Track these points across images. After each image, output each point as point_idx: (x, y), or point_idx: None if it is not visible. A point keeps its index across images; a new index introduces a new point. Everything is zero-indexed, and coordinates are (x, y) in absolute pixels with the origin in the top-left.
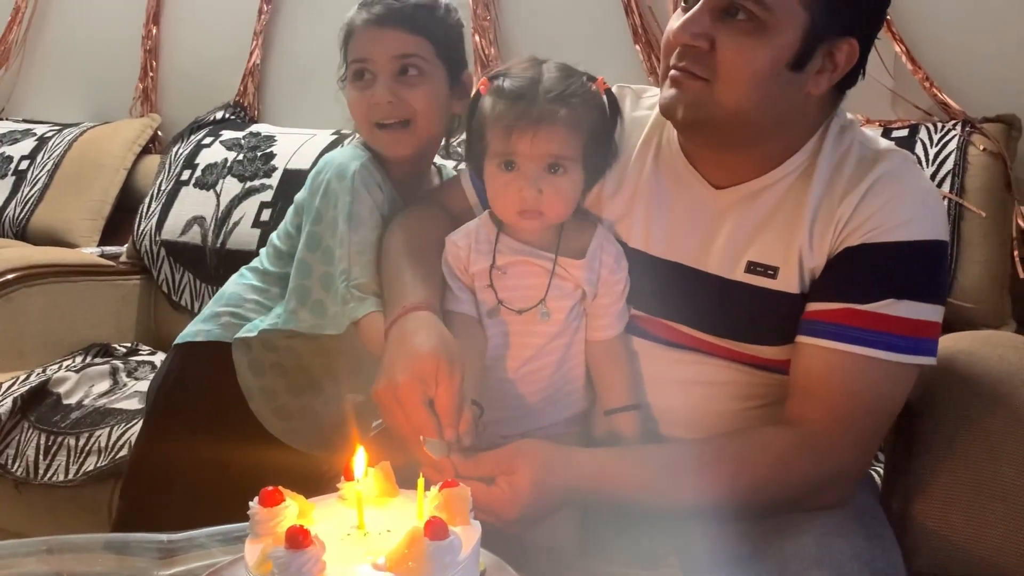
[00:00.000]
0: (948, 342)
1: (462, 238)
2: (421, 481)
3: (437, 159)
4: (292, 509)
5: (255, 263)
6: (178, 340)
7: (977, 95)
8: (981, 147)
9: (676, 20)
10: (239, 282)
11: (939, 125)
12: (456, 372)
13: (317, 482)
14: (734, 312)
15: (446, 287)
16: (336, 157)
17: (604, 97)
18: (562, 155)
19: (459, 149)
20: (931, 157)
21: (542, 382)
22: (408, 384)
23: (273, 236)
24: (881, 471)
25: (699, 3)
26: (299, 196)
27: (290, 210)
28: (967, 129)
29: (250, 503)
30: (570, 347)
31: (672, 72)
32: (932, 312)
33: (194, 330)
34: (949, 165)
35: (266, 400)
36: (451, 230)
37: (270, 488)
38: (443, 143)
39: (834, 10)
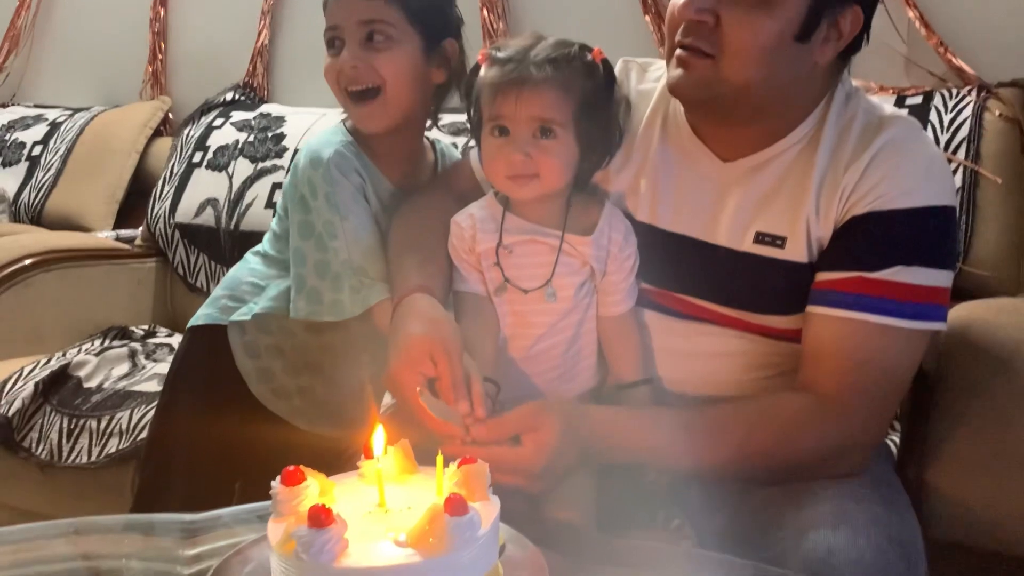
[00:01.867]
0: (963, 311)
1: (466, 218)
2: (440, 458)
3: (436, 135)
4: (313, 488)
5: (258, 247)
6: (189, 323)
7: (992, 60)
8: (997, 112)
9: None
10: (241, 266)
11: (954, 91)
12: (452, 350)
13: (330, 460)
14: (743, 283)
15: (454, 268)
16: (311, 144)
17: (601, 67)
18: (550, 119)
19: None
20: (946, 124)
21: (555, 360)
22: (399, 369)
23: (272, 220)
24: (897, 440)
25: None
26: (286, 182)
27: (281, 194)
28: (982, 95)
29: (272, 483)
30: (582, 324)
31: (678, 51)
32: (942, 278)
33: (199, 313)
34: (964, 132)
35: (264, 381)
36: (455, 211)
37: (291, 468)
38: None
39: None
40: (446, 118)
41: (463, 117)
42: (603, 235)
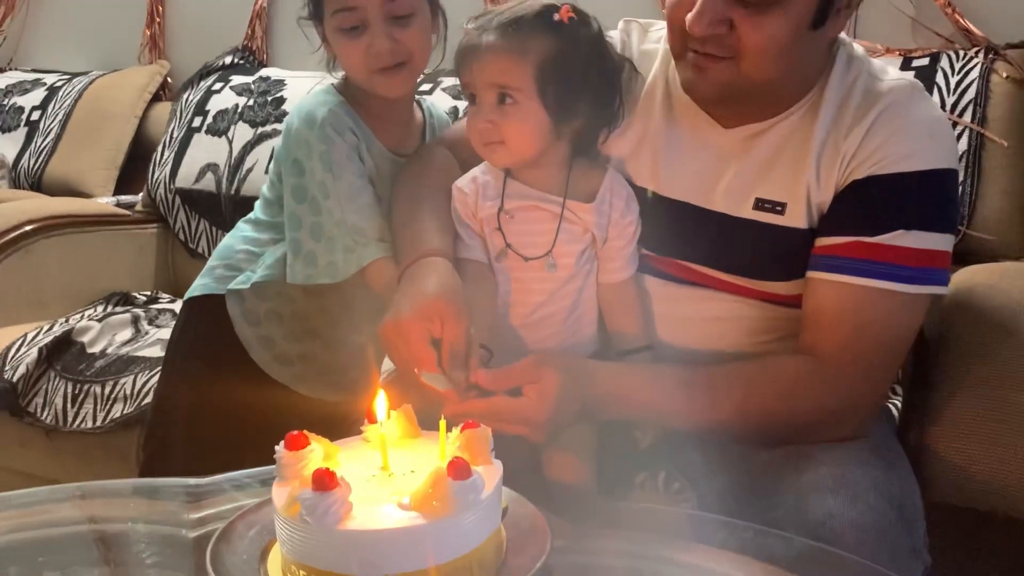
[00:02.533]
0: (967, 274)
1: (468, 184)
2: (443, 423)
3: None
4: (317, 452)
5: (250, 214)
6: (186, 295)
7: (1000, 21)
8: (1004, 75)
9: None
10: (234, 234)
11: (961, 53)
12: (463, 317)
13: (334, 425)
14: (744, 249)
15: (456, 234)
16: (304, 105)
17: (570, 27)
18: (504, 84)
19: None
20: (952, 86)
21: (555, 327)
22: (412, 320)
23: (264, 186)
24: (898, 404)
25: None
26: (278, 146)
27: (273, 159)
28: (990, 56)
29: (276, 447)
30: (582, 292)
31: (692, 56)
32: (942, 241)
33: (195, 284)
34: (971, 94)
35: (265, 348)
36: (460, 175)
37: (295, 432)
38: None
39: None
40: (447, 80)
41: None
42: (604, 202)
